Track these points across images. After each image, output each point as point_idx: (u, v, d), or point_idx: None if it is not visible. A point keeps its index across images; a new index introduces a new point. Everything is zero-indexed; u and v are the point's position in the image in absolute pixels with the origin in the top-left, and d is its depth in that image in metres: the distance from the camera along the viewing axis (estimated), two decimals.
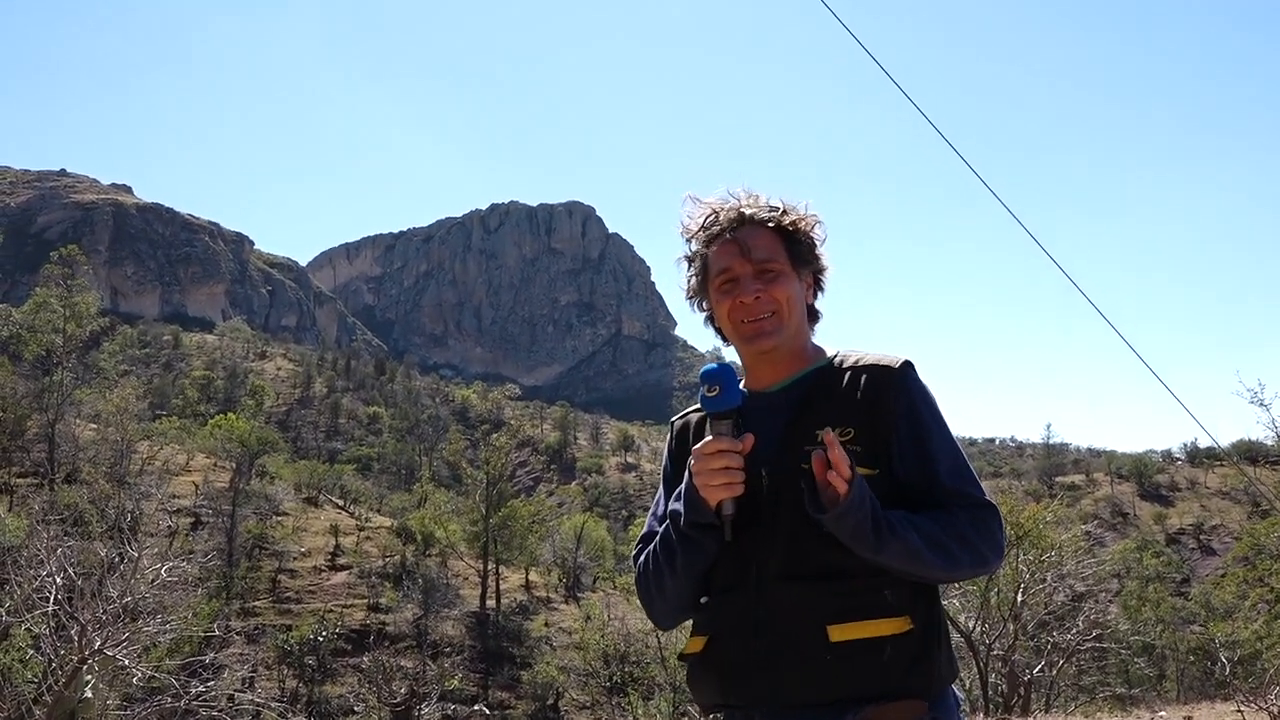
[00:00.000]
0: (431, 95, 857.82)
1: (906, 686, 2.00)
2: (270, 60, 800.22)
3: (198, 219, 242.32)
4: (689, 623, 2.30)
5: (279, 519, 65.63)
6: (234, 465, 69.22)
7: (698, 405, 2.35)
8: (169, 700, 10.88)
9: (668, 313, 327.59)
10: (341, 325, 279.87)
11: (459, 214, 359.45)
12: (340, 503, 77.08)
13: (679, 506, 2.16)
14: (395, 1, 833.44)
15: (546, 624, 58.85)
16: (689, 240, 2.33)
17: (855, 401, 2.14)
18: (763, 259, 2.20)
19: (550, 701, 46.18)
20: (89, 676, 9.79)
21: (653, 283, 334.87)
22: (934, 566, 2.02)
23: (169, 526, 49.71)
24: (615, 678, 41.78)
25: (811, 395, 2.20)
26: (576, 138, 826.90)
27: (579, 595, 64.46)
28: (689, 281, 2.36)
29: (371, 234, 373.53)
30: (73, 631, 9.79)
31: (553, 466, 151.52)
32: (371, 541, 65.31)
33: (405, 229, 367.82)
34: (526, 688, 48.23)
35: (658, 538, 2.25)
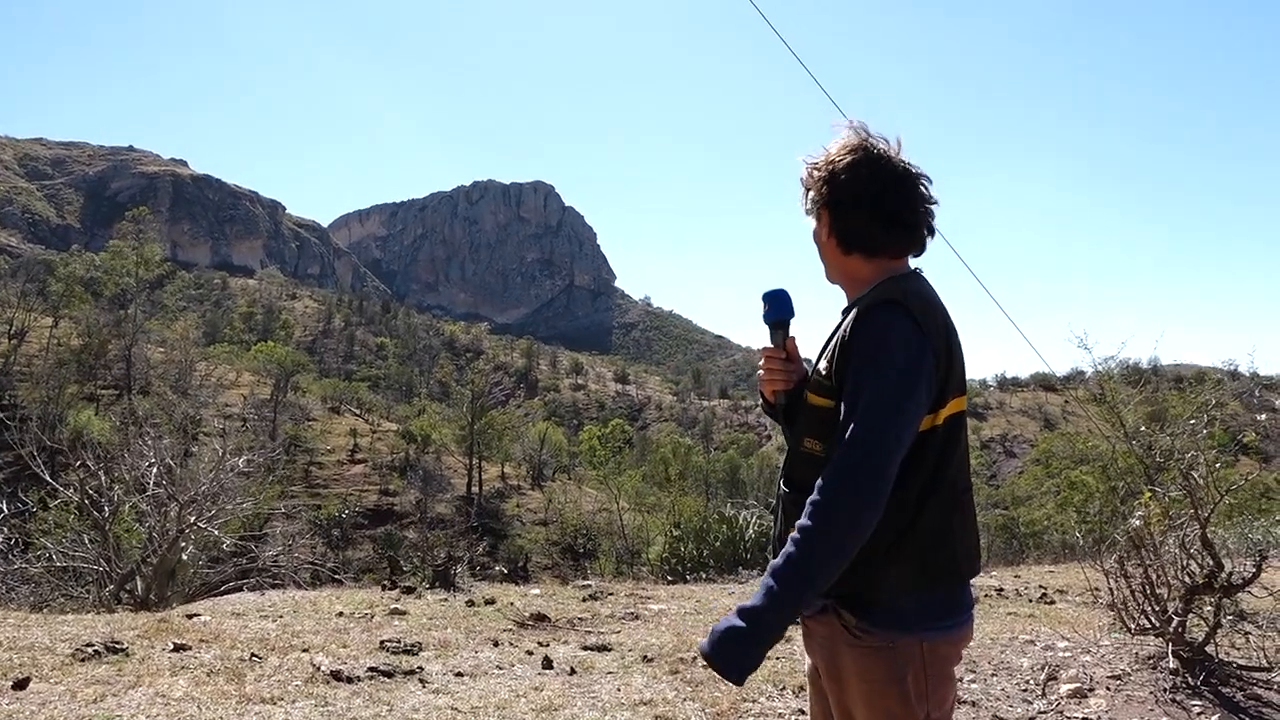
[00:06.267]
0: (429, 91, 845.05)
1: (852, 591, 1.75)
2: (300, 61, 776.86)
3: (241, 188, 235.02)
4: None
5: (309, 423, 64.90)
6: (273, 381, 68.15)
7: None
8: (245, 562, 10.88)
9: (609, 268, 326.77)
10: (355, 274, 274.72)
11: (448, 189, 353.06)
12: (357, 411, 76.33)
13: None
14: (400, 10, 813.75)
15: (518, 505, 59.19)
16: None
17: (842, 339, 1.77)
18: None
19: (520, 564, 46.61)
20: (184, 544, 9.71)
21: (598, 245, 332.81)
22: (824, 564, 1.59)
23: (222, 428, 48.92)
24: (573, 545, 42.36)
25: (836, 328, 1.85)
26: (542, 129, 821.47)
27: (541, 484, 64.85)
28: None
29: (379, 203, 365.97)
30: (171, 509, 9.70)
31: (520, 385, 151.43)
32: (382, 441, 64.89)
33: (405, 199, 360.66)
34: (503, 553, 48.54)
35: None
